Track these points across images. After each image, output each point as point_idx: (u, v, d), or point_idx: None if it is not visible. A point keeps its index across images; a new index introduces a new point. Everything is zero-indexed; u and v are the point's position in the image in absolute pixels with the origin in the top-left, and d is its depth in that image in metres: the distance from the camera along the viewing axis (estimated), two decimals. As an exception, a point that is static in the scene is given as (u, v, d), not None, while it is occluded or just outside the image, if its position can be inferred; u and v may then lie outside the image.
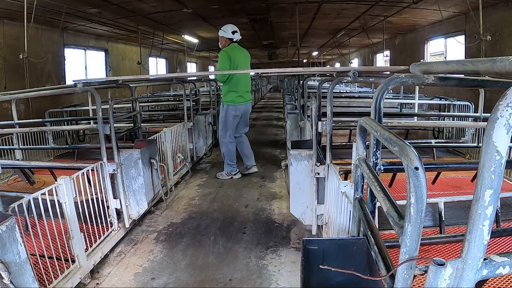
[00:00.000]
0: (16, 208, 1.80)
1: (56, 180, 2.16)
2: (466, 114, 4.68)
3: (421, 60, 1.49)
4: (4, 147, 4.11)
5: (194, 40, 11.59)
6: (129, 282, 2.36)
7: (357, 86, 8.73)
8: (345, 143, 4.14)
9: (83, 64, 9.60)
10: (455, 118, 4.56)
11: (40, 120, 4.33)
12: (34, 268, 1.71)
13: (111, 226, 2.81)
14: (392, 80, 1.44)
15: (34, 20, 5.52)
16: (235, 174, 4.62)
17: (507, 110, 0.65)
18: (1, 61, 6.45)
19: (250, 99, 4.65)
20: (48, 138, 4.84)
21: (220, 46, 4.44)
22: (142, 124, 3.78)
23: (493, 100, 0.70)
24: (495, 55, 1.08)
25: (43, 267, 1.99)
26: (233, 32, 4.36)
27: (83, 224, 2.41)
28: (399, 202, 1.06)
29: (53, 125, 4.63)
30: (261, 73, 4.74)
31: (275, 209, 3.59)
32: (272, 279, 2.38)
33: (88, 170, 2.52)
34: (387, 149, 1.08)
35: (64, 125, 4.75)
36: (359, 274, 1.07)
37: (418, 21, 8.96)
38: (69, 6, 6.36)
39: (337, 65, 21.45)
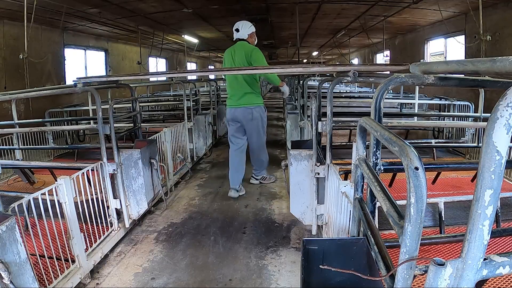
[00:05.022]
0: (16, 208, 1.80)
1: (56, 180, 2.16)
2: (466, 114, 4.68)
3: (421, 60, 1.49)
4: (4, 147, 4.11)
5: (194, 40, 11.57)
6: (129, 282, 2.36)
7: (357, 86, 8.73)
8: (345, 143, 4.14)
9: (83, 64, 9.61)
10: (455, 118, 4.55)
11: (40, 120, 4.32)
12: (34, 268, 1.71)
13: (111, 226, 2.80)
14: (392, 80, 1.44)
15: (34, 20, 5.53)
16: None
17: (507, 110, 0.65)
18: (1, 61, 6.46)
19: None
20: (48, 138, 4.83)
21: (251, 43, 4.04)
22: (142, 124, 3.78)
23: (493, 100, 0.70)
24: (495, 55, 1.08)
25: (43, 267, 1.99)
26: (236, 30, 3.98)
27: (83, 224, 2.41)
28: (399, 202, 1.06)
29: (53, 125, 4.62)
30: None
31: (275, 209, 3.59)
32: (272, 279, 2.38)
33: (88, 170, 2.52)
34: (387, 149, 1.08)
35: (64, 125, 4.75)
36: (359, 274, 1.07)
37: (418, 21, 8.97)
38: (69, 6, 6.38)
39: (337, 65, 21.38)
